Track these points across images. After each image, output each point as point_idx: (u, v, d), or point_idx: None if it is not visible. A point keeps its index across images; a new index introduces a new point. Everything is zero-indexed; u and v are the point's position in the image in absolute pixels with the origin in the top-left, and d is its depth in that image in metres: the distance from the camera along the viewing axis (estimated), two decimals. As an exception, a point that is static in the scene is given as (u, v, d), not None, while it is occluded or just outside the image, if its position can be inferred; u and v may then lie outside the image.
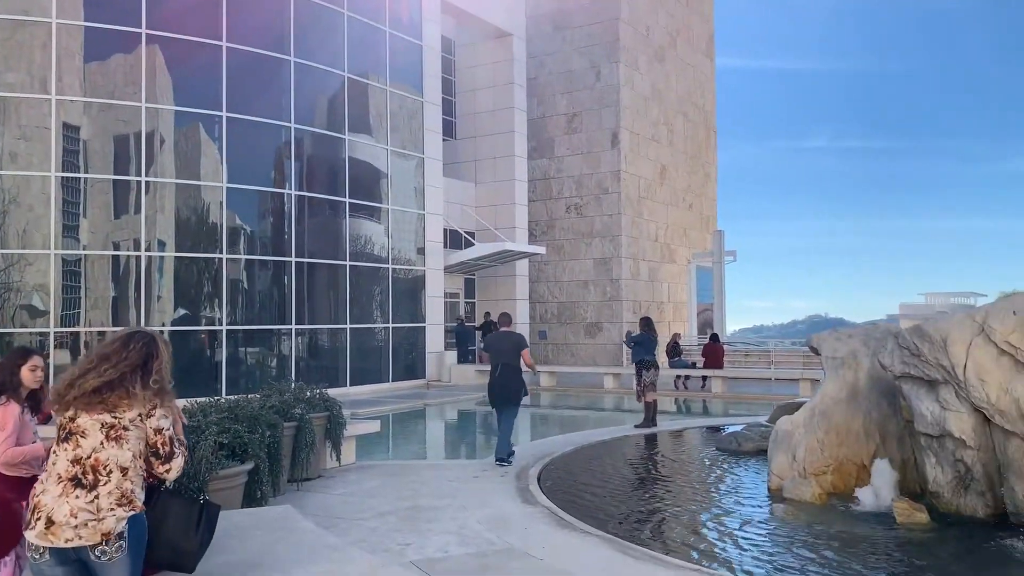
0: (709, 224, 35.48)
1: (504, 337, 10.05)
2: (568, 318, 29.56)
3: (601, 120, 29.03)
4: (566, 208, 29.71)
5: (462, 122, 28.30)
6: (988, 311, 7.05)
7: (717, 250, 30.61)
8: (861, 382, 8.38)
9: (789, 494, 7.88)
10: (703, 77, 35.57)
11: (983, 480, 6.95)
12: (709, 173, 36.23)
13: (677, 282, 32.28)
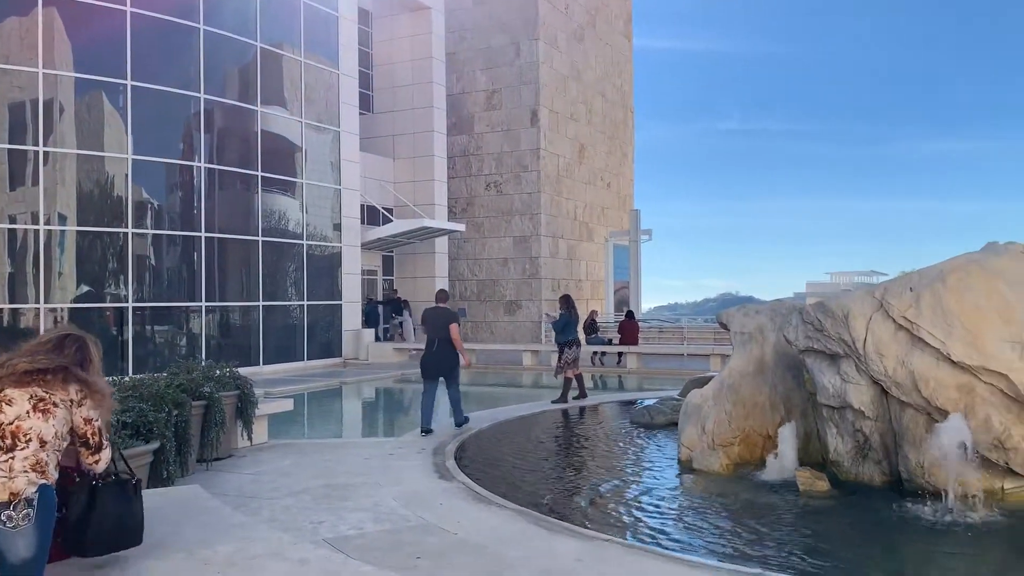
0: (626, 203, 35.98)
1: (439, 313, 10.47)
2: (488, 296, 29.62)
3: (521, 98, 29.02)
4: (486, 186, 29.67)
5: (380, 96, 27.87)
6: (887, 288, 7.35)
7: (633, 229, 31.09)
8: (767, 356, 8.64)
9: (698, 465, 8.10)
10: (621, 57, 35.90)
11: (880, 449, 7.27)
12: (626, 153, 36.70)
13: (595, 260, 32.68)
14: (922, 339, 6.87)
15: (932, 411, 6.78)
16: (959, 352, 6.70)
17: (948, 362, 6.76)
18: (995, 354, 6.63)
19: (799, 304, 8.62)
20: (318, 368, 20.74)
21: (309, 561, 4.06)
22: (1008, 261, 7.31)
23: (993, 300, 6.87)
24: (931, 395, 6.76)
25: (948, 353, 6.73)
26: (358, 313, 23.36)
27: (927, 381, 6.79)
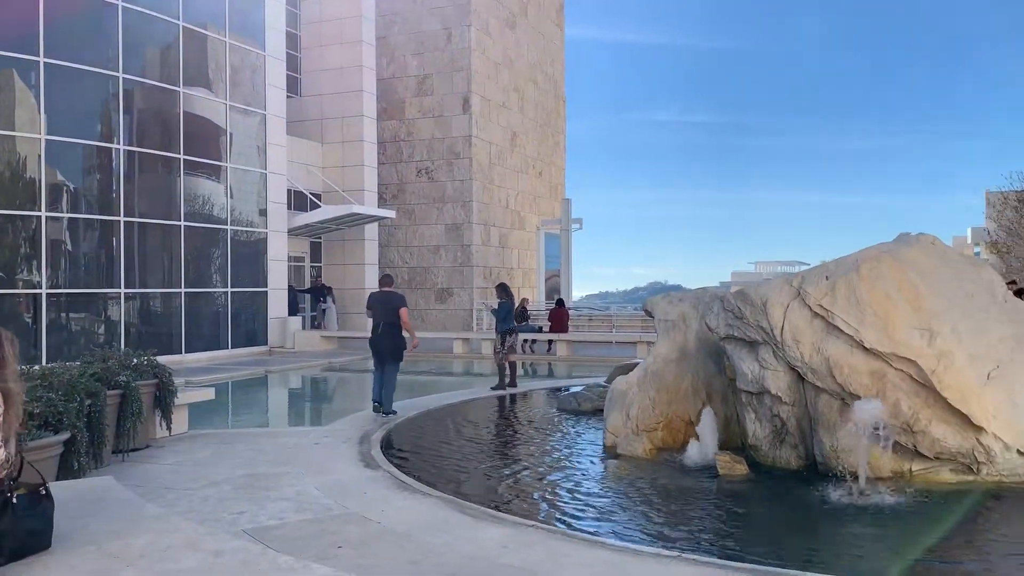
0: (558, 192, 36.18)
1: (386, 297, 10.59)
2: (419, 283, 29.45)
3: (453, 84, 28.84)
4: (417, 172, 29.44)
5: (308, 79, 27.33)
6: (804, 276, 7.57)
7: (565, 218, 31.29)
8: (690, 343, 8.81)
9: (622, 450, 8.21)
10: (553, 46, 36.00)
11: (796, 433, 7.49)
12: (559, 142, 36.86)
13: (527, 249, 32.79)
14: (837, 327, 7.09)
15: (846, 396, 7.02)
16: (871, 339, 6.94)
17: (861, 349, 7.00)
18: (905, 341, 6.89)
19: (721, 292, 8.80)
20: (243, 357, 20.31)
21: (224, 552, 3.97)
22: (918, 252, 7.60)
23: (904, 289, 7.14)
24: (845, 381, 7.00)
25: (861, 340, 6.97)
26: (284, 300, 22.95)
27: (841, 367, 7.02)
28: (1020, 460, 6.81)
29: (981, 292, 7.57)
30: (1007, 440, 6.74)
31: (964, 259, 8.08)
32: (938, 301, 7.14)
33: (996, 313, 7.44)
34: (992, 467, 6.76)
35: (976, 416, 6.67)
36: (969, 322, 7.14)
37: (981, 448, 6.74)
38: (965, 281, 7.56)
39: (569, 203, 31.83)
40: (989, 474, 6.77)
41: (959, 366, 6.79)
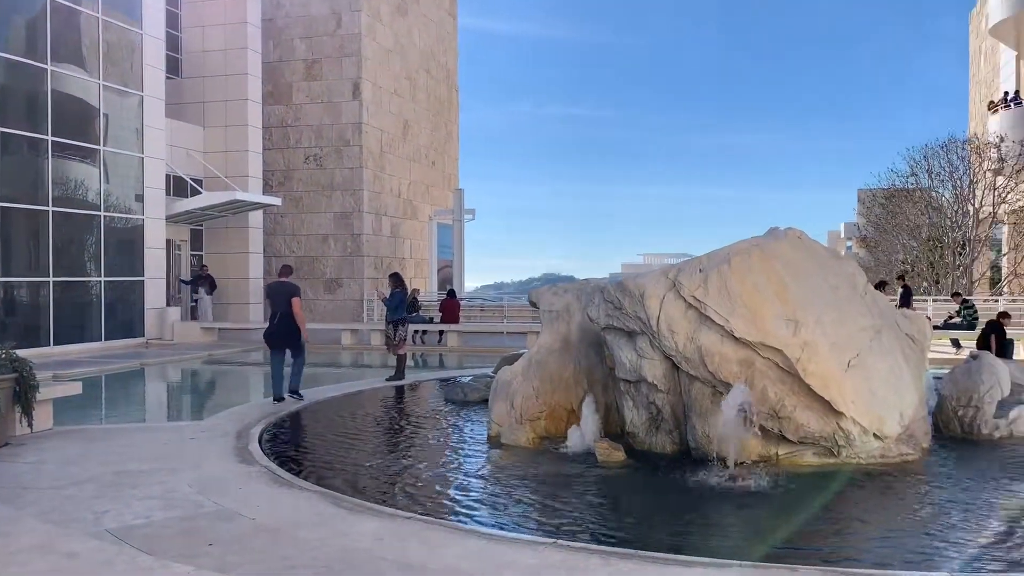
0: (451, 182, 36.06)
1: (282, 287, 10.90)
2: (307, 273, 28.79)
3: (342, 69, 28.29)
4: (305, 159, 28.77)
5: (190, 60, 26.24)
6: (680, 269, 7.80)
7: (457, 208, 31.23)
8: (573, 333, 8.97)
9: (506, 440, 8.29)
10: (446, 34, 35.80)
11: (671, 420, 7.74)
12: (451, 132, 36.72)
13: (419, 239, 32.57)
14: (709, 317, 7.35)
15: (717, 384, 7.29)
16: (741, 329, 7.23)
17: (731, 338, 7.28)
18: (772, 331, 7.21)
19: (603, 284, 8.98)
20: (118, 349, 19.39)
21: (79, 554, 3.79)
22: (786, 246, 7.96)
23: (771, 281, 7.46)
24: (716, 369, 7.27)
25: (731, 330, 7.25)
26: (162, 290, 22.03)
27: (713, 356, 7.29)
28: (876, 443, 7.25)
29: (843, 285, 8.00)
30: (865, 424, 7.15)
31: (829, 253, 8.51)
32: (803, 293, 7.49)
33: (857, 305, 7.87)
34: (851, 450, 7.17)
35: (837, 402, 7.06)
36: (832, 313, 7.52)
37: (841, 432, 7.13)
38: (829, 274, 7.97)
39: (462, 193, 31.78)
40: (848, 456, 7.18)
41: (822, 355, 7.15)
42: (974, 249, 29.25)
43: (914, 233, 31.68)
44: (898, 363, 7.63)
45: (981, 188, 28.59)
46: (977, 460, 7.56)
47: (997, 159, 27.48)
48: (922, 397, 7.90)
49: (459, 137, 37.73)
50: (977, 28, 43.06)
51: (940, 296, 24.70)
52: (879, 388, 7.30)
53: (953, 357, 15.40)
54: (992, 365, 8.59)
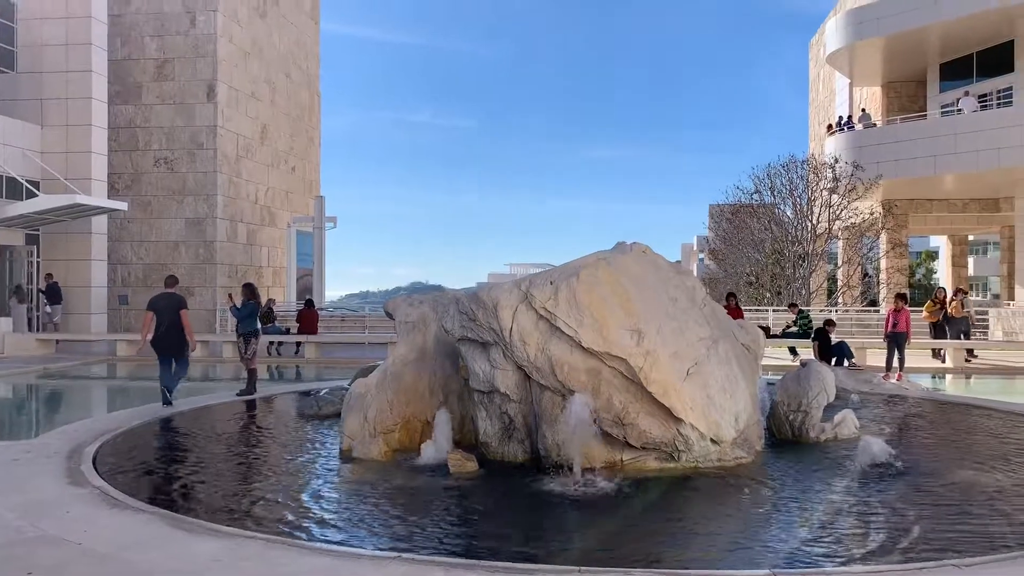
0: (312, 188, 35.34)
1: (170, 299, 11.44)
2: (155, 281, 27.42)
3: (196, 70, 27.24)
4: (155, 162, 27.49)
5: (26, 54, 24.55)
6: (532, 281, 7.95)
7: (318, 215, 30.64)
8: (429, 344, 8.98)
9: (358, 454, 8.19)
10: (307, 39, 35.12)
11: (523, 429, 7.88)
12: (313, 137, 36.02)
13: (277, 246, 31.71)
14: (559, 328, 7.54)
15: (566, 393, 7.48)
16: (588, 339, 7.45)
17: (580, 348, 7.50)
18: (617, 341, 7.47)
19: (458, 295, 9.03)
20: (-61, 363, 17.84)
21: None
22: (631, 259, 8.28)
23: (617, 293, 7.73)
24: (565, 378, 7.46)
25: (580, 340, 7.47)
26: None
27: (562, 366, 7.48)
28: (713, 447, 7.63)
29: (684, 297, 8.39)
30: (702, 429, 7.52)
31: (671, 267, 8.89)
32: (647, 305, 7.81)
33: (696, 316, 8.27)
34: (690, 454, 7.53)
35: (676, 409, 7.39)
36: (673, 324, 7.88)
37: (681, 437, 7.47)
38: (670, 287, 8.34)
39: (323, 200, 31.20)
40: (687, 460, 7.53)
41: (663, 363, 7.47)
42: (812, 262, 31.32)
43: (758, 247, 33.60)
44: (734, 371, 8.07)
45: (818, 205, 30.67)
46: (804, 462, 8.09)
47: (832, 179, 29.54)
48: (756, 403, 8.39)
49: (321, 143, 37.06)
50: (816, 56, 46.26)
51: (781, 307, 26.29)
52: (716, 395, 7.70)
53: (791, 364, 16.44)
54: (819, 372, 9.23)
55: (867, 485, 7.00)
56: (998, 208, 32.45)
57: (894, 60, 31.74)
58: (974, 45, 29.05)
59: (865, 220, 31.66)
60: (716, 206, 43.51)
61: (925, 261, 64.76)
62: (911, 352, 16.47)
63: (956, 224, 36.83)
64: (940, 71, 31.28)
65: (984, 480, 7.16)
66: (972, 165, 26.36)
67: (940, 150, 26.97)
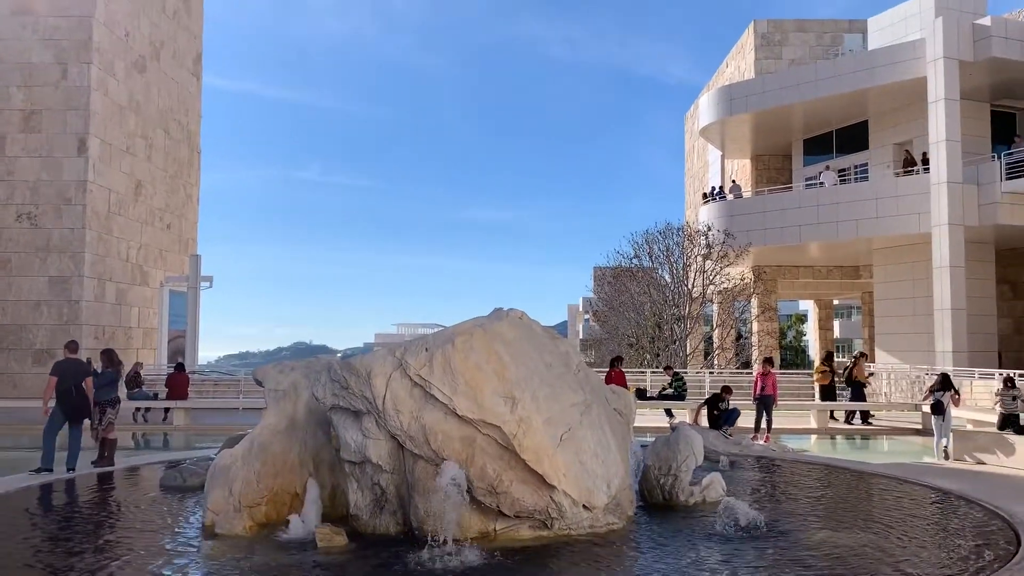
0: (189, 247, 34.21)
1: (74, 364, 11.68)
2: (12, 343, 25.77)
3: (66, 123, 26.17)
4: (17, 216, 26.04)
5: None
6: (406, 347, 7.89)
7: (193, 275, 29.60)
8: (300, 413, 8.71)
9: (221, 529, 7.80)
10: (188, 95, 34.39)
11: (395, 500, 7.71)
12: (191, 194, 35.02)
13: (149, 307, 30.37)
14: (433, 395, 7.48)
15: (439, 462, 7.38)
16: (463, 407, 7.42)
17: (454, 416, 7.44)
18: (491, 408, 7.46)
19: (332, 361, 8.85)
20: None
21: None
22: (507, 326, 8.33)
23: (492, 360, 7.75)
24: (439, 447, 7.37)
25: (454, 408, 7.42)
26: None
27: (436, 434, 7.39)
28: (586, 514, 7.67)
29: (558, 362, 8.49)
30: (575, 496, 7.55)
31: (546, 333, 9.01)
32: (521, 371, 7.85)
33: (570, 381, 8.38)
34: (563, 522, 7.53)
35: (549, 476, 7.40)
36: (547, 389, 7.94)
37: (554, 505, 7.47)
38: (545, 353, 8.44)
39: (199, 259, 30.20)
40: (560, 528, 7.52)
41: (536, 430, 7.50)
42: (688, 325, 32.43)
43: (639, 309, 34.58)
44: (606, 436, 8.18)
45: (693, 270, 31.93)
46: (672, 526, 8.23)
47: (706, 245, 30.87)
48: (627, 468, 8.52)
49: (200, 200, 36.05)
50: (691, 128, 48.72)
51: (659, 369, 27.00)
52: (588, 461, 7.77)
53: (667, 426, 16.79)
54: (688, 436, 9.47)
55: (730, 548, 7.17)
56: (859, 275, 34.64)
57: (762, 135, 33.76)
58: (834, 123, 31.28)
59: (737, 285, 33.15)
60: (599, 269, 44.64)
61: (795, 324, 68.12)
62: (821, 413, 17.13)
63: (821, 290, 39.05)
64: (804, 146, 33.46)
65: (844, 540, 7.45)
66: (833, 235, 28.11)
67: (804, 220, 28.67)
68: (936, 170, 25.00)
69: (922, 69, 25.52)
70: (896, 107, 28.60)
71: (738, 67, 40.92)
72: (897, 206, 26.49)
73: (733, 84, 33.76)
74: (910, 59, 26.11)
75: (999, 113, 28.12)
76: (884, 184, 27.63)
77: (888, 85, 26.84)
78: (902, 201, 26.41)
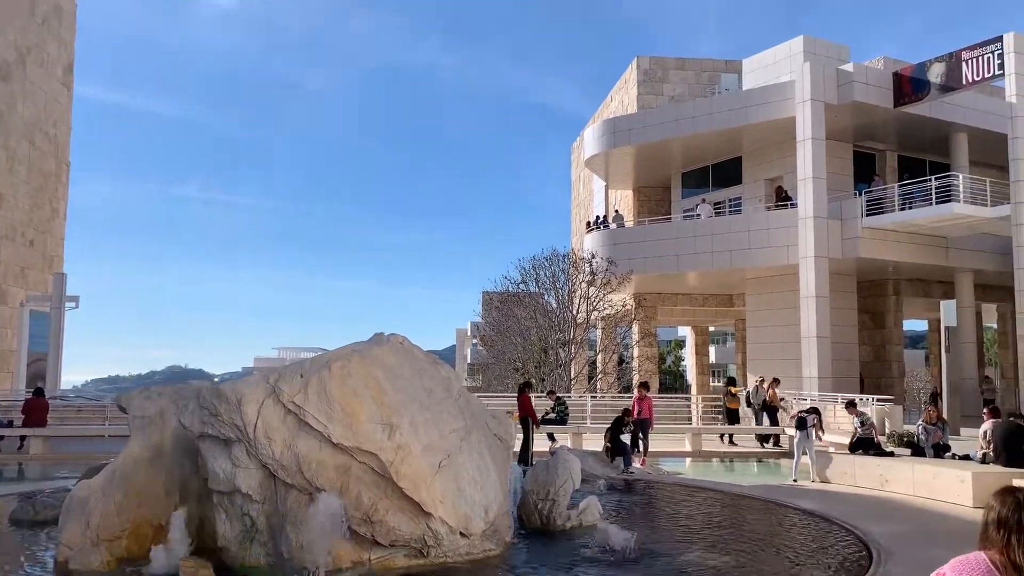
0: (54, 264, 32.30)
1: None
2: None
3: (-83, 130, 24.32)
4: None
5: None
6: (280, 374, 7.69)
7: (57, 294, 27.93)
8: (167, 442, 8.33)
9: (76, 565, 7.36)
10: (58, 105, 32.66)
11: (266, 531, 7.46)
12: (58, 208, 33.15)
13: (7, 327, 28.45)
14: (308, 423, 7.31)
15: (313, 491, 7.20)
16: (338, 434, 7.28)
17: (329, 444, 7.29)
18: (368, 435, 7.36)
19: (202, 387, 8.52)
20: None
21: None
22: (387, 351, 8.25)
23: (370, 386, 7.65)
24: (312, 476, 7.20)
25: (329, 435, 7.27)
26: None
27: (310, 463, 7.22)
28: (463, 540, 7.63)
29: (439, 388, 8.46)
30: (452, 523, 7.51)
31: (427, 358, 8.97)
32: (400, 397, 7.79)
33: (450, 407, 8.36)
34: (439, 549, 7.46)
35: (426, 503, 7.34)
36: (427, 415, 7.90)
37: (430, 532, 7.40)
38: (426, 378, 8.40)
39: (63, 277, 28.52)
40: (437, 556, 7.46)
41: (414, 457, 7.43)
42: (572, 350, 32.94)
43: (525, 334, 34.87)
44: (485, 462, 8.19)
45: (578, 297, 32.50)
46: (549, 551, 8.30)
47: (590, 272, 31.52)
48: (506, 493, 8.54)
49: (67, 215, 34.13)
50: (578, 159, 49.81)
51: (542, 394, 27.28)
52: (467, 487, 7.75)
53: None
54: (566, 460, 9.60)
55: (603, 571, 7.28)
56: (732, 303, 36.10)
57: (643, 167, 34.86)
58: (710, 158, 32.62)
59: (619, 311, 33.94)
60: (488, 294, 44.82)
61: (674, 349, 70.31)
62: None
63: (698, 317, 40.45)
64: (682, 179, 34.73)
65: (713, 561, 7.69)
66: (708, 264, 29.22)
67: (682, 250, 29.71)
68: (803, 205, 26.43)
69: (791, 110, 27.00)
70: (768, 145, 30.11)
71: (622, 101, 42.22)
72: (768, 238, 27.81)
73: (617, 117, 34.77)
74: (780, 100, 27.60)
75: (860, 153, 30.03)
76: (756, 217, 28.98)
77: (760, 124, 28.23)
78: (772, 234, 27.75)
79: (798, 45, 29.04)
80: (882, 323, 30.68)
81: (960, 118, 27.15)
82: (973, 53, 24.12)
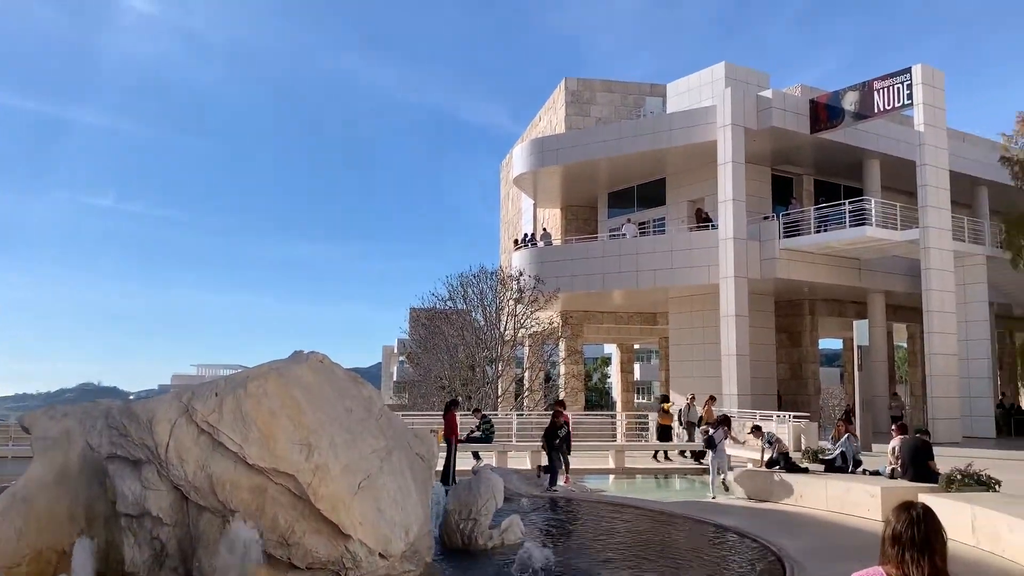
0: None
1: None
2: None
3: None
4: None
5: None
6: (194, 393, 7.48)
7: (-39, 308, 26.59)
8: (73, 464, 8.00)
9: (-30, 596, 6.97)
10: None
11: (177, 555, 7.22)
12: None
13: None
14: (223, 444, 7.12)
15: (227, 514, 7.01)
16: (254, 455, 7.11)
17: (245, 465, 7.11)
18: (285, 456, 7.20)
19: (112, 406, 8.22)
20: None
21: None
22: (306, 369, 8.11)
23: (287, 406, 7.50)
24: (226, 498, 7.01)
25: (245, 456, 7.09)
26: None
27: (224, 484, 7.03)
28: (382, 562, 7.52)
29: (359, 407, 8.35)
30: (371, 545, 7.39)
31: (348, 377, 8.84)
32: (319, 416, 7.65)
33: (371, 426, 8.25)
34: (358, 571, 7.33)
35: (345, 525, 7.21)
36: (346, 435, 7.78)
37: (349, 554, 7.27)
38: (346, 397, 8.27)
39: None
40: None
41: (333, 478, 7.30)
42: (499, 367, 32.96)
43: (452, 352, 34.75)
44: (407, 482, 8.10)
45: (506, 314, 32.59)
46: (470, 571, 8.25)
47: (517, 290, 31.65)
48: (427, 513, 8.46)
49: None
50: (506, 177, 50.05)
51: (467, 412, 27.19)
52: (387, 508, 7.65)
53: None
54: (489, 480, 9.57)
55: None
56: (656, 321, 36.72)
57: (571, 186, 35.27)
58: (635, 179, 33.22)
59: (546, 328, 34.14)
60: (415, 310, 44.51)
61: (601, 367, 71.06)
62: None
63: (623, 334, 41.02)
64: (608, 199, 35.26)
65: (629, 578, 7.76)
66: (633, 283, 29.68)
67: (608, 269, 30.11)
68: (724, 227, 27.12)
69: (713, 133, 27.74)
70: (690, 167, 30.83)
71: (550, 121, 42.69)
72: (690, 258, 28.43)
73: (545, 137, 35.13)
74: (703, 124, 28.33)
75: (779, 177, 31.03)
76: (679, 238, 29.60)
77: (683, 147, 28.91)
78: (694, 254, 28.39)
79: (720, 71, 29.87)
80: (799, 342, 31.61)
81: (872, 145, 28.32)
82: (884, 83, 25.22)
